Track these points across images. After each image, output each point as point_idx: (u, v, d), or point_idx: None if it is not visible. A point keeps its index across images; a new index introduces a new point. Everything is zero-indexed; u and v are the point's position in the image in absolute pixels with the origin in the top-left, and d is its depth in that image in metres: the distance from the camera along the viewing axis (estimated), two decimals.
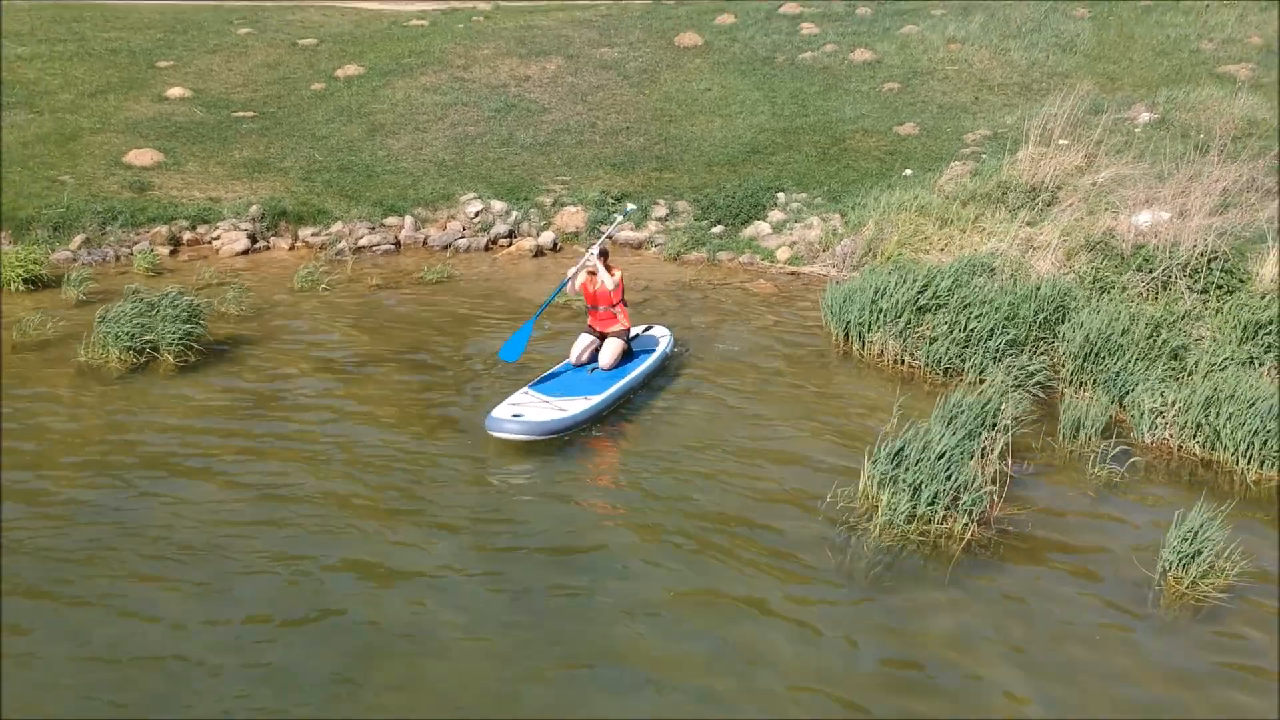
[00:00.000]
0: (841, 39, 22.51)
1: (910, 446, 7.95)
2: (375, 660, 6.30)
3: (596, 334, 10.50)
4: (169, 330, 10.70)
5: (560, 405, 9.26)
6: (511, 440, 8.91)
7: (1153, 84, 19.18)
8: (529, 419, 8.92)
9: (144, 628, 6.54)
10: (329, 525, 7.75)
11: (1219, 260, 11.69)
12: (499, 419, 8.95)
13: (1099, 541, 7.76)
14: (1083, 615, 6.91)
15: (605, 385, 9.82)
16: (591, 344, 10.42)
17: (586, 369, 10.22)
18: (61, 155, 16.37)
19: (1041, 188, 14.54)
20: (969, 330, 10.58)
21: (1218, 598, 7.02)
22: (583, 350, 10.34)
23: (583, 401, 9.39)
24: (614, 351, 10.27)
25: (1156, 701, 6.17)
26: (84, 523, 7.67)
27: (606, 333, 10.45)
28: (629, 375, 10.11)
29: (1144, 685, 6.30)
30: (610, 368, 10.18)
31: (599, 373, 10.12)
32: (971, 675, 6.32)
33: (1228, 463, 8.86)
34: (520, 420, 8.91)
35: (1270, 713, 6.11)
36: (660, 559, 7.40)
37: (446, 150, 17.65)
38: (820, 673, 6.29)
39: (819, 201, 15.71)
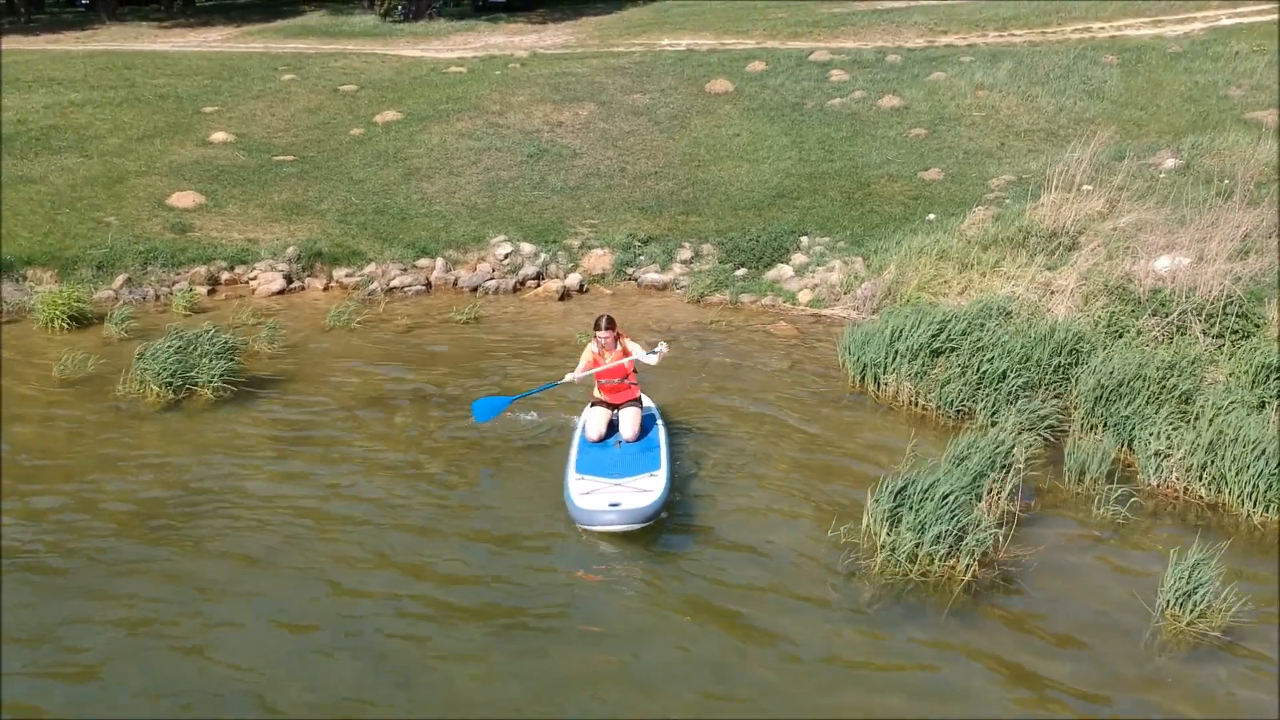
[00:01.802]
0: (870, 86, 22.84)
1: (914, 486, 8.12)
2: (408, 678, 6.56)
3: (609, 406, 9.85)
4: (206, 366, 11.11)
5: (637, 486, 8.66)
6: (612, 531, 8.32)
7: (1179, 130, 19.30)
8: (628, 507, 8.30)
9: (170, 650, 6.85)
10: (354, 556, 8.03)
11: (1234, 305, 11.77)
12: (594, 511, 8.32)
13: (1100, 582, 7.88)
14: (1078, 658, 7.02)
15: (653, 455, 9.28)
16: (607, 417, 9.78)
17: (611, 443, 9.59)
18: (108, 197, 16.99)
19: (1062, 232, 14.68)
20: (981, 373, 10.73)
21: (1215, 636, 7.11)
22: (600, 425, 9.68)
23: (652, 479, 8.78)
24: (636, 422, 9.68)
25: None
26: (112, 551, 8.02)
27: (621, 404, 9.85)
28: (661, 439, 9.61)
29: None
30: (636, 439, 9.60)
31: (626, 445, 9.52)
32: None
33: (1232, 506, 8.93)
34: (619, 510, 8.28)
35: None
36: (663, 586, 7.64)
37: (479, 194, 18.09)
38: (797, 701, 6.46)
39: (842, 245, 15.95)
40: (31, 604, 7.32)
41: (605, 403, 9.86)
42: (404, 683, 6.60)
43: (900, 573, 7.71)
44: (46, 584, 7.59)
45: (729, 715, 6.42)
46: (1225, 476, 9.01)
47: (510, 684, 6.62)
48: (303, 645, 6.98)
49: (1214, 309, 11.87)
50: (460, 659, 6.85)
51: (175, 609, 7.33)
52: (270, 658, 6.82)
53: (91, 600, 7.39)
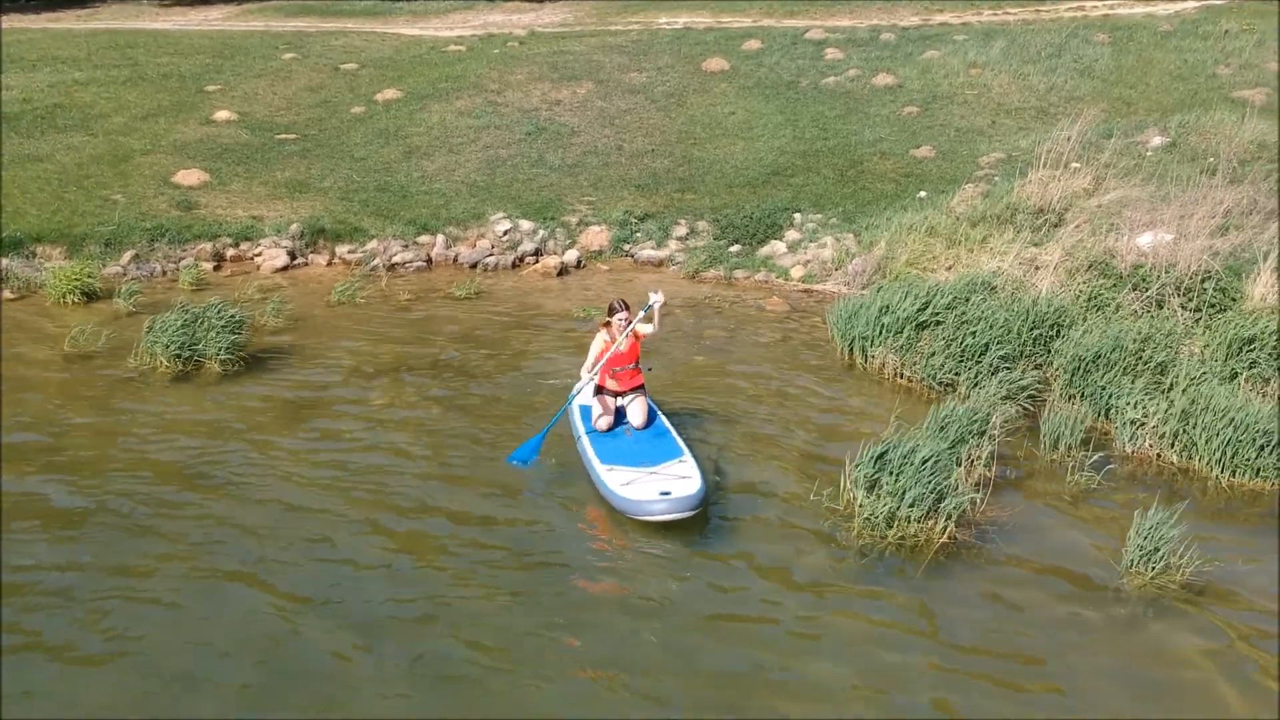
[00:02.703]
0: (865, 64, 23.10)
1: (894, 452, 8.50)
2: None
3: (614, 394, 9.71)
4: (214, 339, 11.47)
5: (675, 473, 8.66)
6: (666, 520, 8.29)
7: (1168, 108, 19.59)
8: (679, 495, 8.28)
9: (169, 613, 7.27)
10: (355, 523, 8.44)
11: (1212, 280, 12.13)
12: (644, 500, 8.28)
13: (1071, 542, 8.28)
14: (1046, 609, 7.43)
15: (668, 441, 9.28)
16: (613, 406, 9.65)
17: (620, 432, 9.49)
18: (114, 175, 17.29)
19: (1049, 209, 15.01)
20: (964, 346, 11.10)
21: (1175, 592, 7.50)
22: (607, 415, 9.55)
23: (683, 465, 8.81)
24: (644, 408, 9.59)
25: (1106, 688, 6.69)
26: (120, 519, 8.43)
27: (628, 391, 9.72)
28: (668, 425, 9.57)
29: (1091, 676, 6.81)
30: (644, 425, 9.51)
31: (637, 433, 9.44)
32: (917, 668, 6.87)
33: (1202, 470, 9.33)
34: (671, 498, 8.25)
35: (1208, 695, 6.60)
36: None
37: (478, 171, 18.40)
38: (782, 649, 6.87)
39: (834, 222, 16.28)
40: (109, 544, 7.86)
41: (612, 391, 9.72)
42: (438, 598, 7.25)
43: (878, 534, 8.10)
44: (92, 534, 8.10)
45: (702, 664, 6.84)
46: (1196, 443, 9.40)
47: (516, 609, 7.09)
48: (354, 573, 7.75)
49: (1192, 284, 12.22)
50: (473, 583, 7.32)
51: (226, 548, 8.00)
52: (323, 583, 7.62)
53: (144, 540, 8.08)
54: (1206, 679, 6.79)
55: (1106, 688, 6.69)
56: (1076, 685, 6.69)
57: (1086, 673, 6.81)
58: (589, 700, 6.52)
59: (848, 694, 6.58)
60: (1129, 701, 6.56)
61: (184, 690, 6.48)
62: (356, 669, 6.71)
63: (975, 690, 6.64)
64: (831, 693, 6.58)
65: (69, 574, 7.62)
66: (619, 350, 9.54)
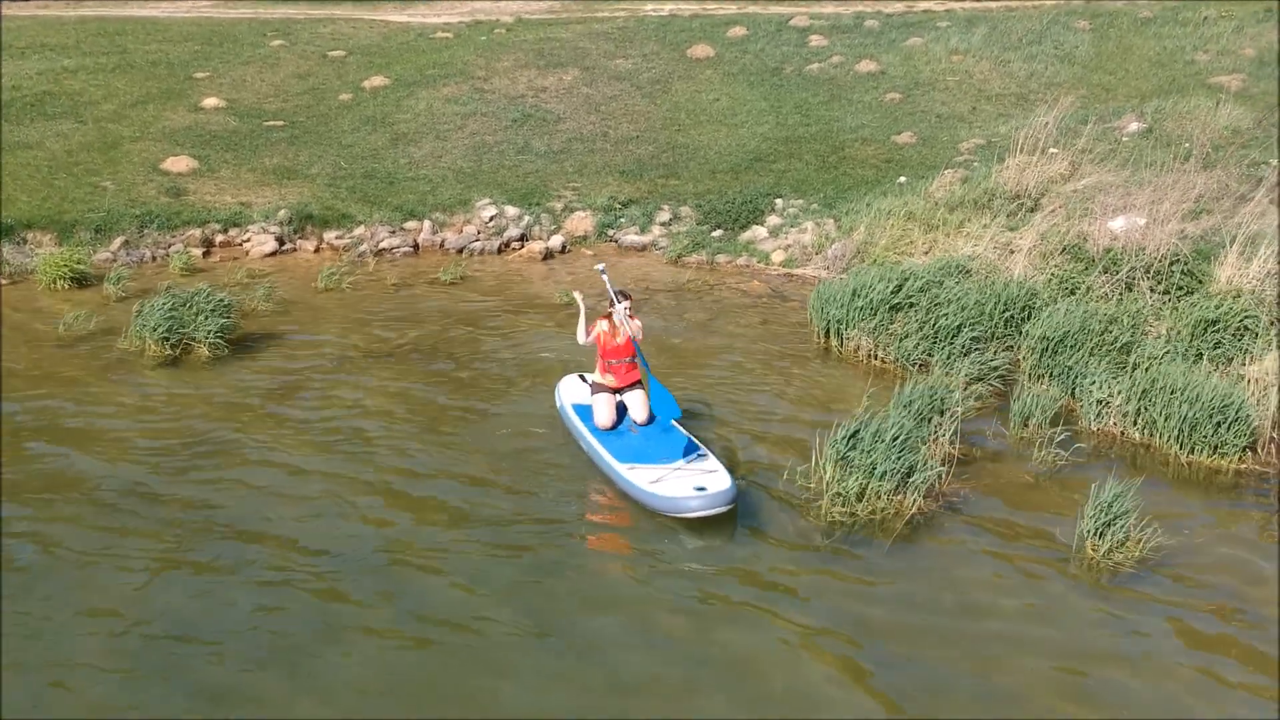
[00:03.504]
0: (848, 51, 23.33)
1: (865, 430, 8.78)
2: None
3: (612, 390, 9.63)
4: (202, 324, 11.69)
5: (700, 468, 8.66)
6: (703, 516, 8.25)
7: (1145, 94, 19.86)
8: (714, 490, 8.24)
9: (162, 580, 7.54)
10: (342, 498, 8.71)
11: (1180, 263, 12.40)
12: (680, 498, 8.22)
13: (1034, 515, 8.58)
14: (1006, 578, 7.72)
15: (676, 435, 9.25)
16: (614, 402, 9.56)
17: (625, 429, 9.46)
18: (104, 162, 17.47)
19: (1025, 194, 15.27)
20: (937, 327, 11.37)
21: (1131, 563, 7.80)
22: (611, 412, 9.47)
23: (703, 459, 8.82)
24: (645, 402, 9.50)
25: (1059, 657, 6.99)
26: (114, 496, 8.69)
27: (626, 386, 9.65)
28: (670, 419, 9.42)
29: (1046, 645, 7.12)
30: (647, 421, 9.47)
31: (642, 429, 9.42)
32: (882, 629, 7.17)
33: (1163, 447, 9.62)
34: (707, 494, 8.21)
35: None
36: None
37: (465, 158, 18.61)
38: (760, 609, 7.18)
39: (815, 207, 16.53)
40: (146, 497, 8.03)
41: (610, 387, 9.62)
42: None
43: (849, 509, 8.38)
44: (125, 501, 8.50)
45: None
46: (1156, 421, 9.69)
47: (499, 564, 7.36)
48: (364, 528, 8.33)
49: (1161, 267, 12.50)
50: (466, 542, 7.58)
51: (239, 510, 8.46)
52: (339, 535, 8.19)
53: (160, 505, 8.53)
54: (1158, 646, 7.09)
55: (1061, 654, 6.98)
56: (1033, 652, 6.99)
57: (1043, 640, 7.10)
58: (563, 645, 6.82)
59: (806, 665, 6.87)
60: (1084, 666, 6.86)
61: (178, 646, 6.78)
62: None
63: (930, 655, 6.93)
64: (788, 659, 6.88)
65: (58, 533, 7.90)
66: (616, 344, 9.49)
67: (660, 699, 6.54)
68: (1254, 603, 7.56)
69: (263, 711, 6.35)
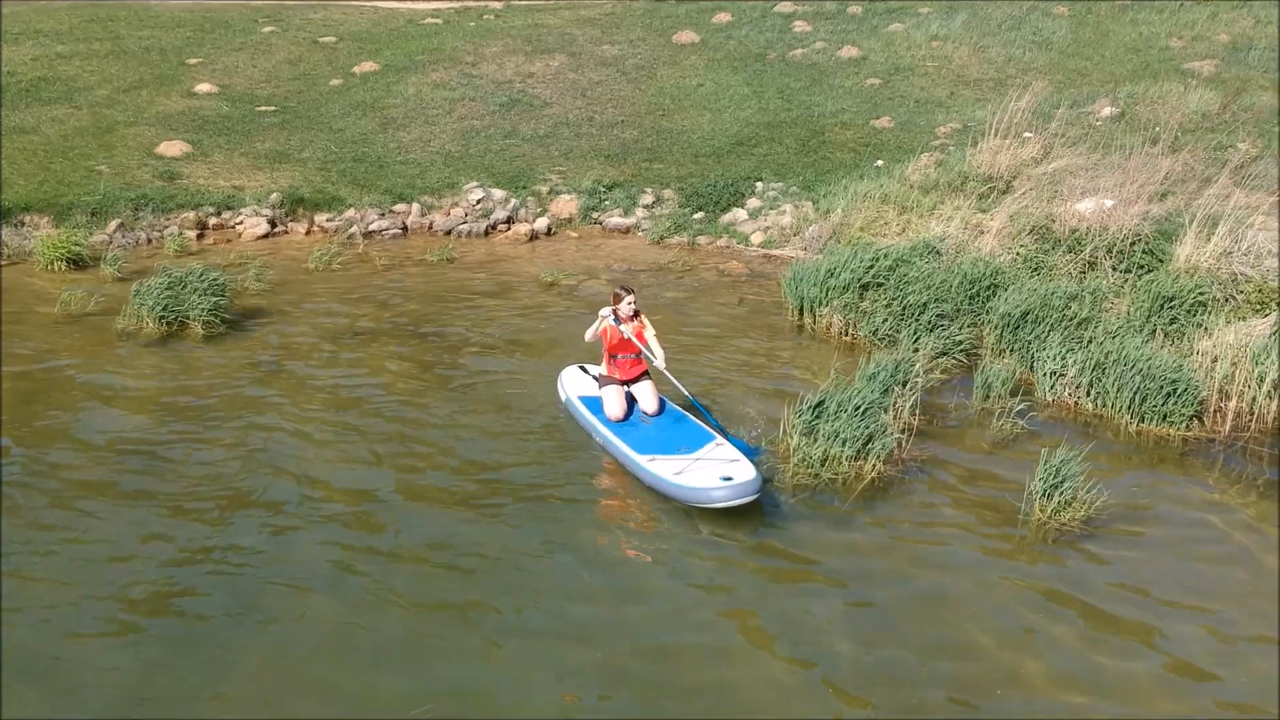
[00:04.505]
0: (831, 36, 23.73)
1: (830, 400, 9.25)
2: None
3: (620, 382, 9.82)
4: (197, 302, 12.12)
5: (720, 457, 8.79)
6: (730, 506, 8.31)
7: (1120, 79, 20.30)
8: (740, 480, 8.32)
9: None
10: (333, 466, 9.18)
11: (1141, 243, 12.87)
12: (706, 488, 8.28)
13: (987, 480, 9.07)
14: (957, 535, 8.21)
15: (688, 424, 9.50)
16: (623, 394, 9.75)
17: (636, 420, 9.63)
18: (98, 147, 17.82)
19: (998, 177, 15.73)
20: (904, 305, 11.83)
21: (1075, 527, 8.30)
22: (621, 403, 9.65)
23: (721, 449, 8.97)
24: (654, 392, 9.77)
25: (1008, 610, 7.48)
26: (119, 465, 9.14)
27: (635, 379, 9.87)
28: (680, 409, 9.84)
29: (998, 597, 7.60)
30: (658, 411, 9.69)
31: (654, 419, 9.62)
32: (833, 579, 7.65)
33: (1114, 417, 10.11)
34: (734, 484, 8.29)
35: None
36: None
37: (453, 142, 19.00)
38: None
39: (794, 190, 16.96)
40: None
41: (618, 380, 9.81)
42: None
43: (813, 473, 8.86)
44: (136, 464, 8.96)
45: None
46: (1109, 392, 10.17)
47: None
48: (367, 472, 9.04)
49: (1124, 246, 12.97)
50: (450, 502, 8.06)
51: (248, 466, 9.09)
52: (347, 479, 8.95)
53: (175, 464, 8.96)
54: (1105, 603, 7.58)
55: (1010, 608, 7.47)
56: (980, 605, 7.47)
57: (990, 593, 7.59)
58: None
59: (765, 620, 7.36)
60: (1032, 618, 7.34)
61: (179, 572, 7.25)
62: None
63: (880, 604, 7.42)
64: (751, 613, 7.36)
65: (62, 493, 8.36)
66: (624, 337, 9.70)
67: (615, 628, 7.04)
68: (1195, 559, 8.07)
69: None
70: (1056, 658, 6.96)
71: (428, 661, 6.79)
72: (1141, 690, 6.71)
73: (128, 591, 7.39)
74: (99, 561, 7.72)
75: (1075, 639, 7.15)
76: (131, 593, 7.39)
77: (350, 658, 6.84)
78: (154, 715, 6.33)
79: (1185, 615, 7.42)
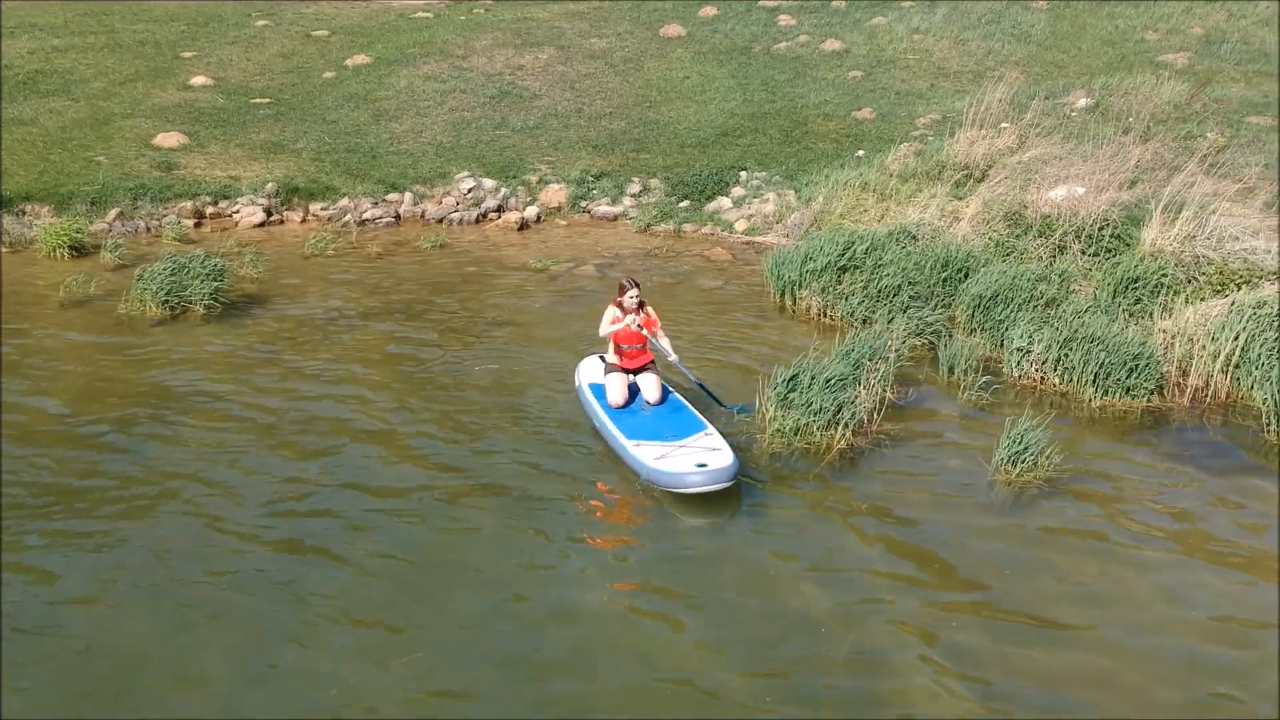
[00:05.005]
0: (815, 30, 24.19)
1: (804, 375, 9.73)
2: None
3: (624, 371, 10.06)
4: (198, 286, 12.54)
5: (703, 445, 9.04)
6: (705, 491, 8.57)
7: (1096, 71, 20.79)
8: (715, 467, 8.61)
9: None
10: (329, 443, 9.63)
11: (1109, 227, 13.36)
12: (681, 473, 8.57)
13: (955, 447, 9.58)
14: (924, 496, 8.72)
15: (685, 414, 9.73)
16: (626, 382, 9.99)
17: (637, 408, 9.87)
18: (96, 138, 18.20)
19: (974, 166, 16.20)
20: (880, 287, 12.30)
21: (1040, 486, 8.81)
22: (623, 390, 9.88)
23: (708, 437, 9.21)
24: (657, 383, 10.01)
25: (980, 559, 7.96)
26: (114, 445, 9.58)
27: (640, 369, 10.10)
28: (681, 399, 10.06)
29: (965, 547, 8.09)
30: (659, 401, 9.94)
31: (654, 408, 9.86)
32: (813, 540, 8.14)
33: (1078, 392, 10.61)
34: (708, 470, 8.57)
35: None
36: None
37: (444, 133, 19.41)
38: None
39: (777, 179, 17.43)
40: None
41: (622, 368, 10.04)
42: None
43: (787, 442, 9.34)
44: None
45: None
46: (1074, 367, 10.66)
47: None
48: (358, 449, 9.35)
49: (1093, 231, 13.45)
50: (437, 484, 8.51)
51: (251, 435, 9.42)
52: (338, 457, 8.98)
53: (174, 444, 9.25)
54: (1062, 555, 8.08)
55: (973, 562, 7.95)
56: (952, 560, 7.95)
57: (958, 549, 8.08)
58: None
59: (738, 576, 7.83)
60: (991, 574, 7.82)
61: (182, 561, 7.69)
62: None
63: (856, 564, 7.90)
64: (719, 574, 7.83)
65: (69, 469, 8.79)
66: (630, 330, 9.94)
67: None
68: (1151, 515, 8.59)
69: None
70: (1017, 600, 7.47)
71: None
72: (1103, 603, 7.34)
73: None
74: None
75: (1043, 570, 7.68)
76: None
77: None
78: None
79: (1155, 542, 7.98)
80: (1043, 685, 6.67)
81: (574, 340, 11.61)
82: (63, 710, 6.35)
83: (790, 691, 6.62)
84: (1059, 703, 6.53)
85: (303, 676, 6.67)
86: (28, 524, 8.12)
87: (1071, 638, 7.13)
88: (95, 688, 6.51)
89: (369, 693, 6.52)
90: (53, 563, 7.72)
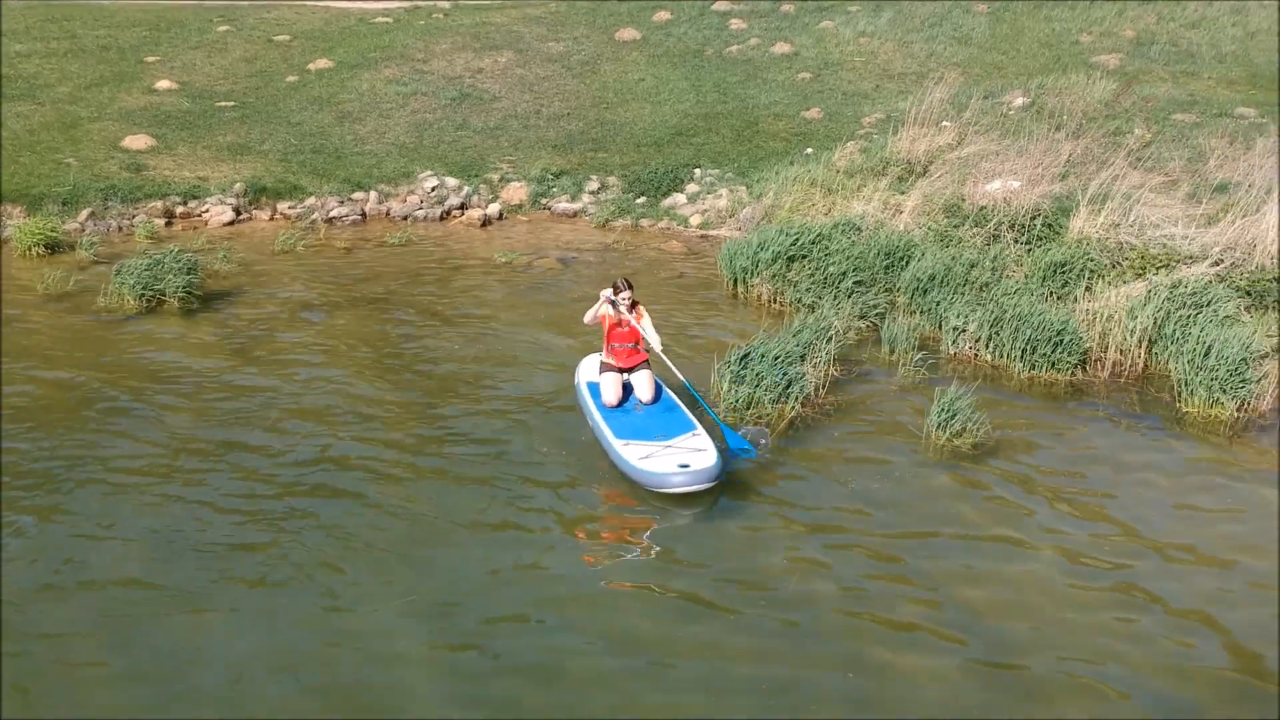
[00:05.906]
0: (765, 33, 25.02)
1: (754, 353, 10.45)
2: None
3: (619, 370, 10.22)
4: (173, 280, 13.05)
5: (689, 446, 9.18)
6: (687, 491, 8.74)
7: (1033, 72, 21.76)
8: (697, 468, 8.75)
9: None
10: (300, 427, 10.21)
11: (1040, 217, 14.22)
12: (664, 473, 8.73)
13: (892, 416, 10.35)
14: (865, 458, 9.47)
15: (678, 414, 9.88)
16: (620, 381, 10.12)
17: (630, 407, 10.03)
18: (65, 141, 18.58)
19: (916, 162, 17.04)
20: (826, 274, 13.07)
21: (965, 450, 9.60)
22: (616, 390, 10.03)
23: (695, 438, 9.34)
24: (650, 382, 10.15)
25: (913, 518, 8.72)
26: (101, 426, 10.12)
27: (634, 367, 10.24)
28: (675, 399, 10.18)
29: (899, 507, 8.85)
30: (653, 400, 10.09)
31: (647, 407, 10.01)
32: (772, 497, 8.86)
33: (1008, 366, 11.43)
34: (690, 471, 8.72)
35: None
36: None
37: (407, 134, 19.98)
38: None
39: (730, 176, 18.18)
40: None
41: (616, 367, 10.20)
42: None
43: (739, 415, 10.05)
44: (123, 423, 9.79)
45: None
46: (1005, 344, 11.48)
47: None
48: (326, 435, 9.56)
49: (1024, 220, 14.30)
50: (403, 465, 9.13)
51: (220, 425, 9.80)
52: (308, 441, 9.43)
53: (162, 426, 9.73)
54: (985, 506, 8.87)
55: (905, 518, 8.71)
56: (885, 510, 8.70)
57: (891, 503, 8.82)
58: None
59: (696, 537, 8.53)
60: (923, 525, 8.58)
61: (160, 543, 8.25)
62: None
63: (802, 517, 8.64)
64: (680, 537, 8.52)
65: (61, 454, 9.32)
66: (620, 329, 10.19)
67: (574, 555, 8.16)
68: (1063, 479, 9.38)
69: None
70: (946, 557, 8.23)
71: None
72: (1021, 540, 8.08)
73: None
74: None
75: (960, 544, 8.43)
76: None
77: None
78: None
79: (1059, 499, 8.74)
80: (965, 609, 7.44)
81: (539, 326, 12.23)
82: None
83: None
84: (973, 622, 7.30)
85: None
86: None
87: (978, 575, 7.94)
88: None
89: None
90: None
